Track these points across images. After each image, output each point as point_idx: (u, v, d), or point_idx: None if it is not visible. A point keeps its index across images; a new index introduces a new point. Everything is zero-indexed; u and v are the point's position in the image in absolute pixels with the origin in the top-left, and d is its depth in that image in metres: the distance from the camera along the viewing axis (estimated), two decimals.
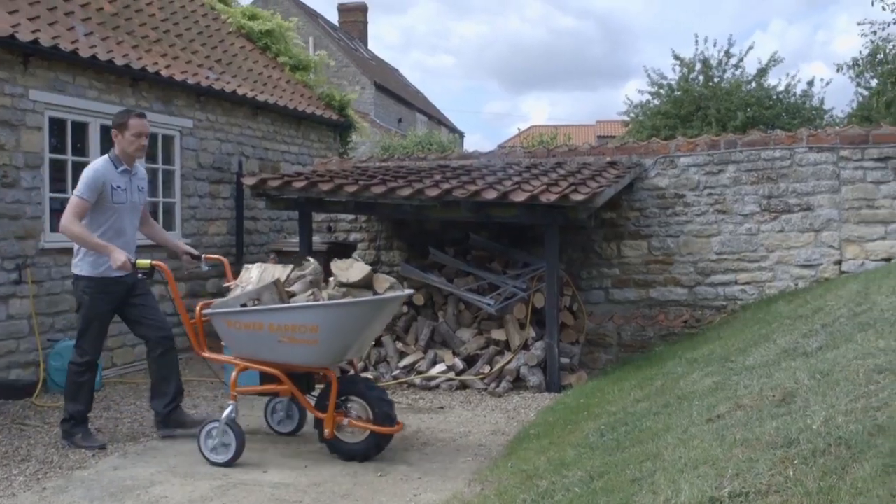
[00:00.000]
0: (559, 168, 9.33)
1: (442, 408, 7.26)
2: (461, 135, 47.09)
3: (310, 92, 13.94)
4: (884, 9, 15.20)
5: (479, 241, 9.58)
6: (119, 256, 5.60)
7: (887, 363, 3.76)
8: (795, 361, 4.90)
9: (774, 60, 22.75)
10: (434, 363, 8.30)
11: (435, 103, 49.08)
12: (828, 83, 35.12)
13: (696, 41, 21.87)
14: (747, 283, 9.16)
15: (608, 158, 9.72)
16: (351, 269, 5.94)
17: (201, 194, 10.71)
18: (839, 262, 8.88)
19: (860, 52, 18.49)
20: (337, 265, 6.02)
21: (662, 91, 23.07)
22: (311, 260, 6.14)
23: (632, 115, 24.26)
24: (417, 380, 8.08)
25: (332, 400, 5.44)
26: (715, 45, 22.82)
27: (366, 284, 5.89)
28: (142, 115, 6.14)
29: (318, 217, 10.60)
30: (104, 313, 6.05)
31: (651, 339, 9.35)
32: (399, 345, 8.65)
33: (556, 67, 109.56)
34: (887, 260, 8.66)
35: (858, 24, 17.63)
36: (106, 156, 6.10)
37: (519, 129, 46.96)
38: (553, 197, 7.52)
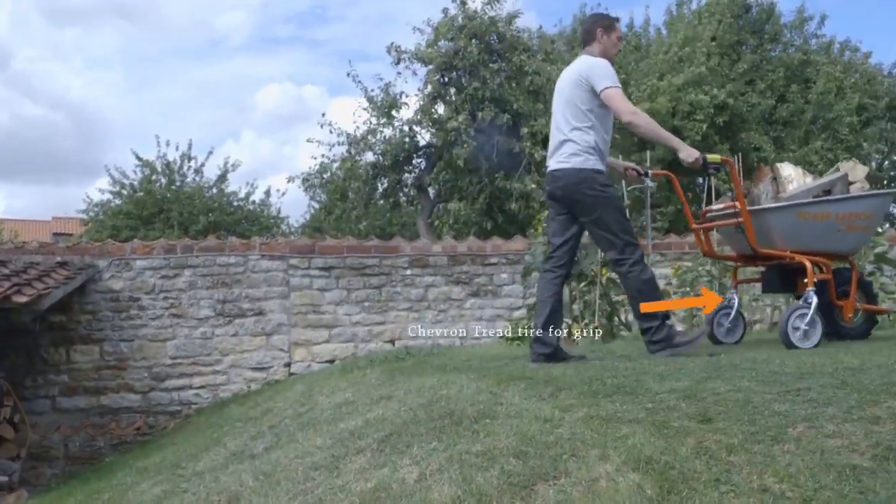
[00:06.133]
0: (2, 267, 8.59)
1: None
2: None
3: None
4: (331, 132, 16.65)
5: None
6: (692, 150, 5.16)
7: (323, 460, 3.98)
8: (243, 464, 4.98)
9: (232, 166, 23.63)
10: None
11: None
12: (283, 193, 37.40)
13: (159, 143, 21.99)
14: (202, 387, 9.21)
15: (59, 258, 9.21)
16: (856, 169, 5.96)
17: None
18: (289, 365, 9.36)
19: (309, 167, 19.97)
20: (844, 165, 6.02)
21: (125, 191, 22.63)
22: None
23: (91, 213, 23.38)
24: None
25: (853, 285, 5.71)
26: (177, 149, 23.02)
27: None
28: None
29: None
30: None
31: (102, 450, 8.91)
32: None
33: (19, 158, 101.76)
34: (331, 361, 9.34)
35: (308, 140, 19.05)
36: (595, 56, 5.31)
37: None
38: None
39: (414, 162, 17.10)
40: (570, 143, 5.24)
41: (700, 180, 17.93)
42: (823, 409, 3.09)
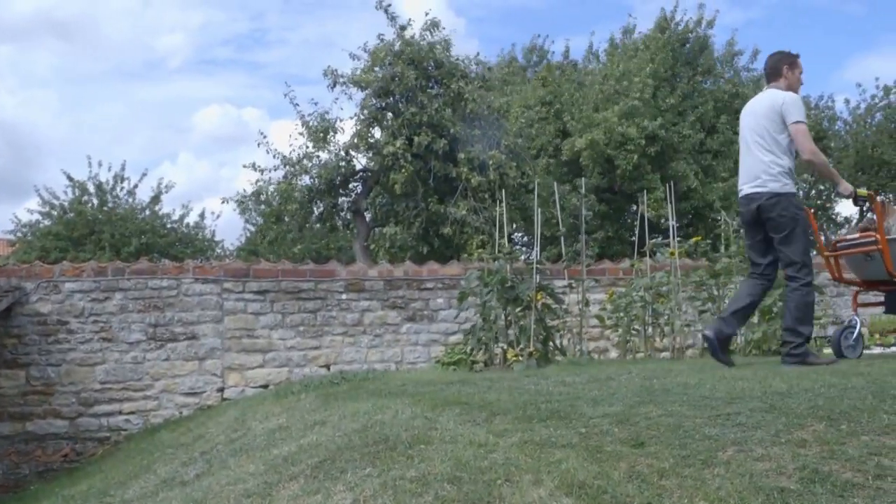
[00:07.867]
0: None
1: None
2: None
3: None
4: (267, 152, 16.51)
5: None
6: (848, 185, 5.88)
7: (255, 487, 3.92)
8: (173, 491, 4.89)
9: (166, 187, 23.26)
10: None
11: None
12: (218, 216, 36.67)
13: (91, 164, 21.43)
14: (132, 413, 9.02)
15: None
16: None
17: None
18: (222, 390, 9.22)
19: (243, 189, 19.65)
20: None
21: (55, 212, 22.12)
22: None
23: (19, 234, 22.78)
24: None
25: None
26: (110, 170, 22.57)
27: None
28: None
29: None
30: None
31: (27, 478, 8.67)
32: None
33: None
34: (265, 386, 9.22)
35: (244, 166, 18.77)
36: (783, 90, 5.99)
37: None
38: None
39: (350, 186, 17.05)
40: (765, 169, 5.85)
41: (633, 209, 18.29)
42: (752, 433, 3.15)
